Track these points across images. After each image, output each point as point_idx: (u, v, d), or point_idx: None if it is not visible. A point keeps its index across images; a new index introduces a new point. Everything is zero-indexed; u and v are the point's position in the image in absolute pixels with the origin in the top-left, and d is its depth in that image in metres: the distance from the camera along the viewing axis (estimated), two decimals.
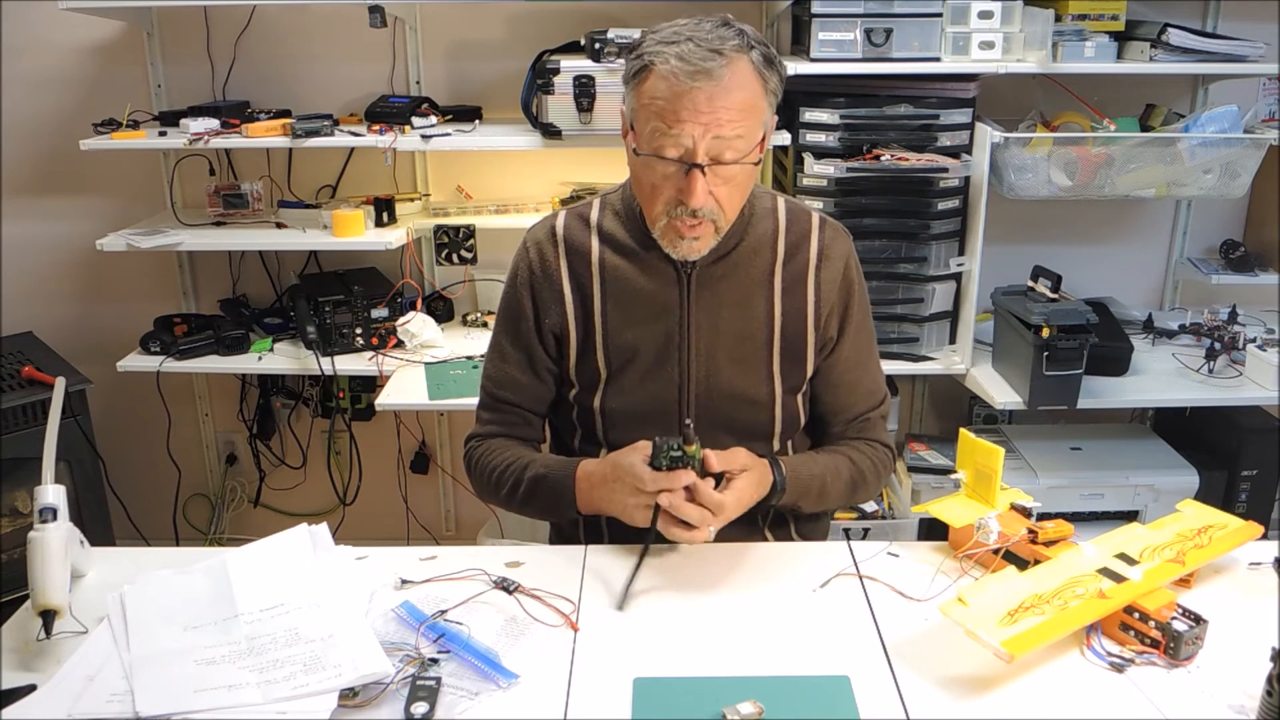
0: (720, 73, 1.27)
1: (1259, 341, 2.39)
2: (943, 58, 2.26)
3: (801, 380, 1.50)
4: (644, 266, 1.45)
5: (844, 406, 1.55)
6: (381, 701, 1.08)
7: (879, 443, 1.56)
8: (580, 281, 1.47)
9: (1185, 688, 1.10)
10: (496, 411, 1.54)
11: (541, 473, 1.45)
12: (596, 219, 1.49)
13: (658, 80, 1.29)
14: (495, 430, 1.55)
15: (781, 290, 1.46)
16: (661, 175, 1.33)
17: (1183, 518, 1.37)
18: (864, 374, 1.55)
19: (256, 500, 3.04)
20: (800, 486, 1.45)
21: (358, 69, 2.64)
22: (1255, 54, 2.30)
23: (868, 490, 1.55)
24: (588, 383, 1.49)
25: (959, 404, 2.85)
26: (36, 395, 2.24)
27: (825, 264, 1.48)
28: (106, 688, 1.10)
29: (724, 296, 1.45)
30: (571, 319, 1.47)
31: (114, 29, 2.62)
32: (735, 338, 1.45)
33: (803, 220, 1.49)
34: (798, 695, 1.09)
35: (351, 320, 2.46)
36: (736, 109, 1.29)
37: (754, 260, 1.45)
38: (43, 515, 1.21)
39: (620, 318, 1.46)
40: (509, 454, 1.50)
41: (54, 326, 2.74)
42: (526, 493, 1.46)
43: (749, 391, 1.46)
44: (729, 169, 1.32)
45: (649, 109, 1.31)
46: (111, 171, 2.71)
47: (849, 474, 1.51)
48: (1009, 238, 2.63)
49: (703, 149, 1.30)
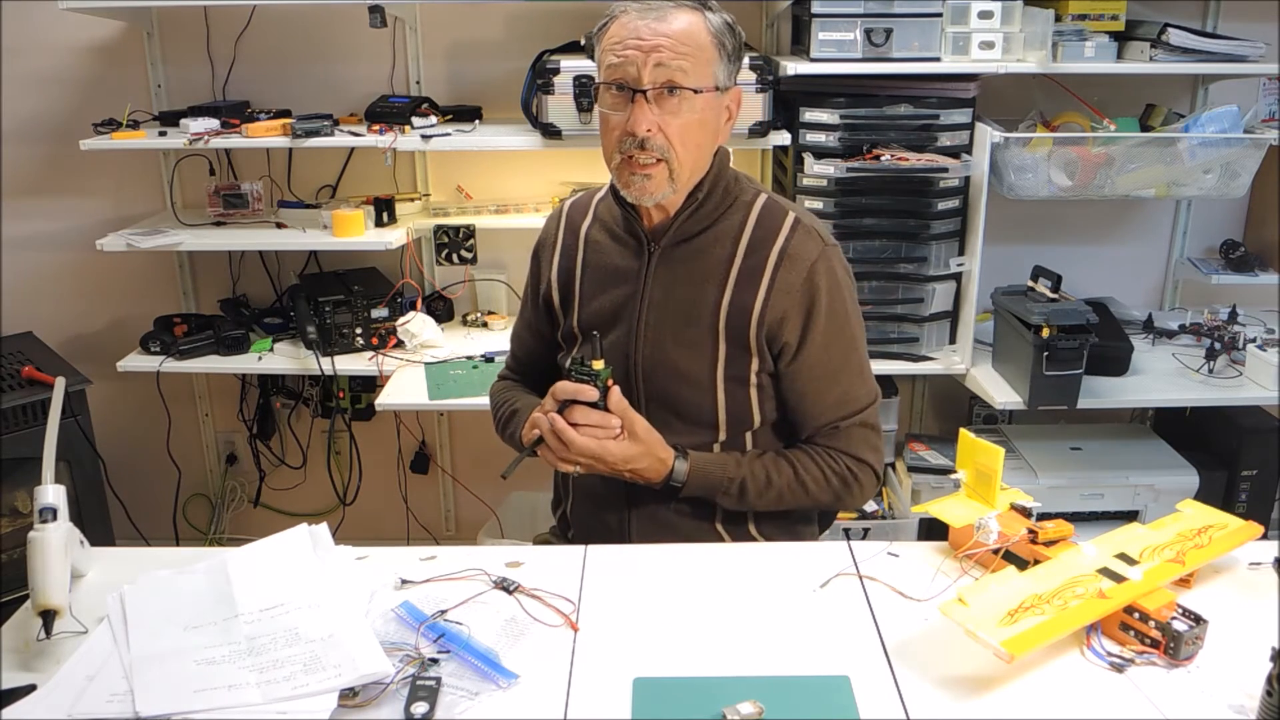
0: (666, 13, 1.40)
1: (1259, 341, 2.40)
2: (943, 58, 2.26)
3: (746, 371, 1.49)
4: (621, 242, 1.56)
5: (811, 414, 1.53)
6: (381, 701, 1.08)
7: (844, 453, 1.52)
8: (568, 253, 1.61)
9: (1185, 688, 1.09)
10: (512, 360, 1.77)
11: (517, 407, 1.64)
12: (597, 200, 1.63)
13: (615, 26, 1.42)
14: (508, 374, 1.77)
15: (735, 280, 1.48)
16: (614, 107, 1.42)
17: (1183, 518, 1.37)
18: (833, 384, 1.51)
19: (256, 500, 3.04)
20: (708, 482, 1.49)
21: (358, 69, 2.64)
22: (1255, 54, 2.30)
23: (818, 498, 1.53)
24: (569, 347, 1.62)
25: (959, 404, 2.85)
26: (36, 395, 2.24)
27: (786, 265, 1.47)
28: (106, 688, 1.09)
29: (680, 276, 1.50)
30: (555, 289, 1.61)
31: (114, 29, 2.62)
32: (683, 318, 1.50)
33: (775, 219, 1.50)
34: (798, 695, 1.09)
35: (351, 320, 2.46)
36: (679, 38, 1.38)
37: (714, 248, 1.50)
38: (43, 515, 1.21)
39: (593, 287, 1.57)
40: (507, 394, 1.70)
41: (54, 326, 2.74)
42: (504, 423, 1.66)
43: (691, 372, 1.50)
44: (674, 101, 1.39)
45: (606, 50, 1.42)
46: (111, 171, 2.71)
47: (786, 483, 1.50)
48: (1009, 238, 2.63)
49: (647, 75, 1.38)
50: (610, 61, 1.40)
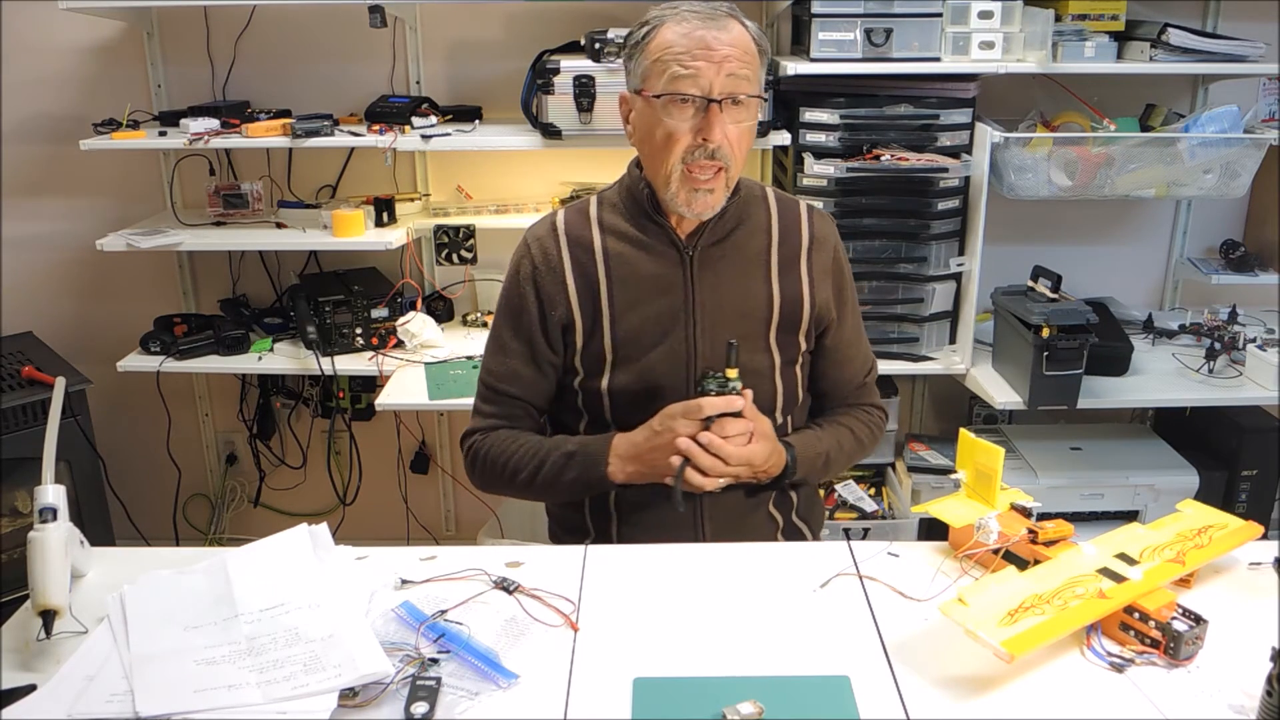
0: (725, 23, 1.41)
1: (1259, 341, 2.39)
2: (943, 58, 2.26)
3: (797, 352, 1.58)
4: (647, 250, 1.52)
5: (847, 379, 1.66)
6: (381, 701, 1.08)
7: (874, 406, 1.69)
8: (584, 270, 1.52)
9: (1185, 688, 1.09)
10: (498, 405, 1.58)
11: (572, 449, 1.51)
12: (595, 213, 1.56)
13: (669, 33, 1.40)
14: (497, 423, 1.58)
15: (778, 270, 1.54)
16: (679, 119, 1.40)
17: (1183, 518, 1.37)
18: (859, 347, 1.67)
19: (256, 500, 3.04)
20: (808, 465, 1.56)
21: (358, 69, 2.64)
22: (1255, 54, 2.30)
23: (865, 452, 1.68)
24: (593, 367, 1.54)
25: (959, 404, 2.85)
26: (36, 395, 2.24)
27: (816, 248, 1.57)
28: (106, 688, 1.09)
29: (724, 275, 1.52)
30: (577, 308, 1.52)
31: (114, 29, 2.62)
32: (736, 313, 1.52)
33: (792, 208, 1.59)
34: (798, 695, 1.09)
35: (351, 320, 2.46)
36: (743, 50, 1.41)
37: (750, 242, 1.54)
38: (43, 515, 1.21)
39: (626, 300, 1.51)
40: (524, 441, 1.55)
41: (54, 326, 2.74)
42: (553, 470, 1.50)
43: (750, 363, 1.51)
44: (738, 110, 1.41)
45: (663, 59, 1.39)
46: (111, 171, 2.71)
47: (850, 445, 1.64)
48: (1009, 238, 2.63)
49: (719, 85, 1.39)
50: (675, 72, 1.38)
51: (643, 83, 1.43)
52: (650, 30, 1.42)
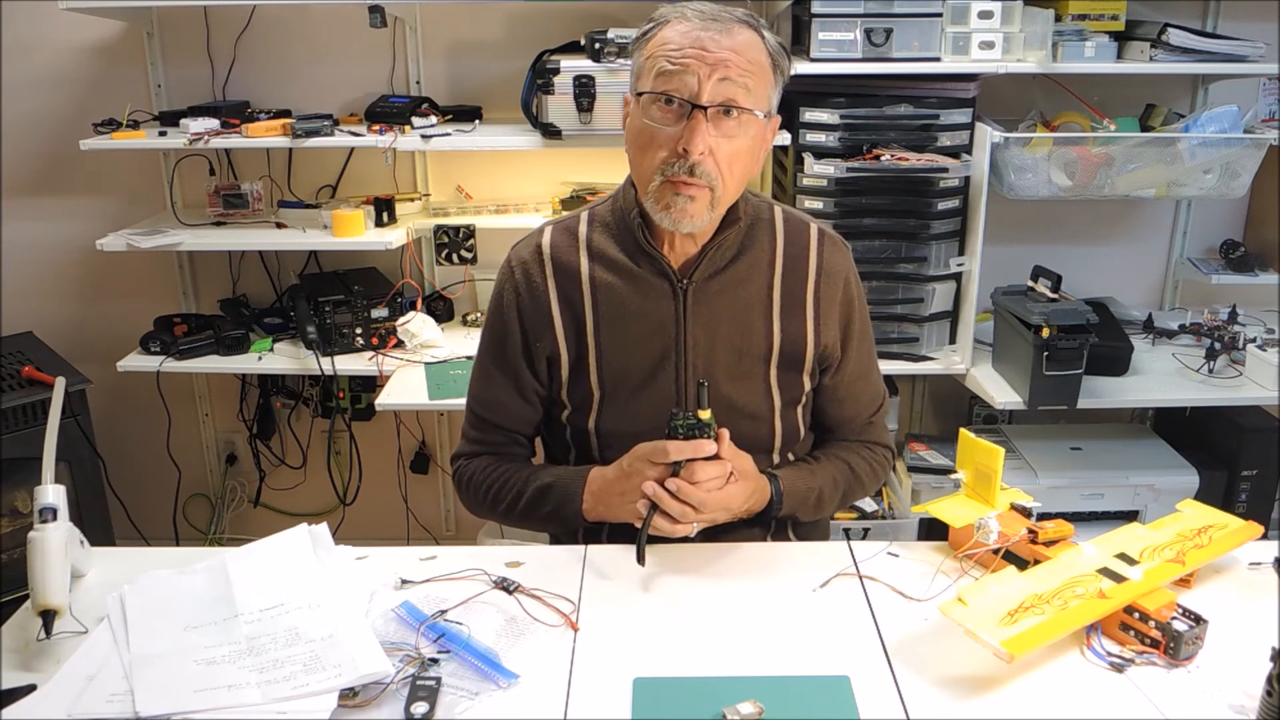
0: (732, 27, 1.29)
1: (1259, 341, 2.39)
2: (943, 58, 2.26)
3: (800, 392, 1.48)
4: (637, 283, 1.41)
5: (849, 418, 1.55)
6: (381, 701, 1.08)
7: (879, 444, 1.58)
8: (570, 302, 1.43)
9: (1185, 688, 1.09)
10: (483, 431, 1.52)
11: (548, 481, 1.43)
12: (585, 234, 1.45)
13: (669, 31, 1.30)
14: (481, 450, 1.53)
15: (780, 308, 1.43)
16: (662, 122, 1.29)
17: (1183, 518, 1.36)
18: (866, 384, 1.55)
19: (256, 500, 3.04)
20: (797, 500, 1.45)
21: (358, 69, 2.64)
22: (1255, 54, 2.30)
23: (865, 492, 1.57)
24: (581, 404, 1.46)
25: (959, 404, 2.85)
26: (36, 395, 2.24)
27: (825, 281, 1.45)
28: (106, 688, 1.09)
29: (721, 313, 1.41)
30: (563, 342, 1.44)
31: (114, 29, 2.62)
32: (733, 354, 1.42)
33: (801, 234, 1.46)
34: (798, 695, 1.09)
35: (351, 320, 2.46)
36: (745, 56, 1.28)
37: (751, 276, 1.42)
38: (43, 515, 1.21)
39: (614, 339, 1.42)
40: (505, 469, 1.49)
41: (54, 326, 2.74)
42: (530, 503, 1.44)
43: (748, 405, 1.44)
44: (730, 123, 1.29)
45: (656, 55, 1.29)
46: (111, 171, 2.71)
47: (846, 482, 1.52)
48: (1009, 238, 2.63)
49: (708, 91, 1.27)
50: (662, 68, 1.27)
51: (639, 77, 1.33)
52: (653, 28, 1.32)
